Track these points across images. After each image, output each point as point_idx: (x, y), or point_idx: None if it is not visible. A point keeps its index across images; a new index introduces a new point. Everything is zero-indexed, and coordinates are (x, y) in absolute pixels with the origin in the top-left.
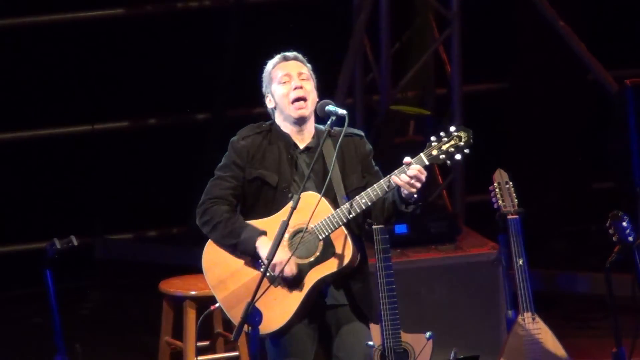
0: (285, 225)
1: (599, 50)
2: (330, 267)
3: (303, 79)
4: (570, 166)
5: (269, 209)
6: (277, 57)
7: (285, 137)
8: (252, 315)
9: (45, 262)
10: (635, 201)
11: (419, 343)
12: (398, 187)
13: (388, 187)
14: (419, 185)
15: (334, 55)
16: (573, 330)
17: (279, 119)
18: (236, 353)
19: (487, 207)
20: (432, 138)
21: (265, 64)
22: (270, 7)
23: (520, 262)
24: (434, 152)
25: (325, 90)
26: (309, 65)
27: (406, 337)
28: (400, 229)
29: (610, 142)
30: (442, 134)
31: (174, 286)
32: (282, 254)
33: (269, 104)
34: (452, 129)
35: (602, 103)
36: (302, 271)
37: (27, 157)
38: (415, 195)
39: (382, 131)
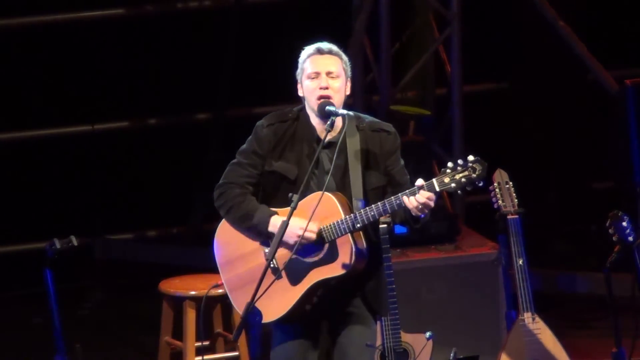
0: (285, 225)
1: (599, 50)
2: (331, 270)
3: (332, 77)
4: (570, 166)
5: (287, 201)
6: (313, 48)
7: (311, 129)
8: (252, 315)
9: (45, 262)
10: (635, 201)
11: (419, 343)
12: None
13: (397, 205)
14: (426, 210)
15: None
16: (573, 330)
17: (308, 109)
18: (236, 353)
19: (487, 207)
20: (449, 164)
21: (293, 61)
22: (270, 7)
23: (520, 262)
24: (446, 180)
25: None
26: (344, 57)
27: (406, 337)
28: (400, 229)
29: (610, 142)
30: (459, 161)
31: (174, 286)
32: (299, 222)
33: (300, 91)
34: (470, 159)
35: (602, 103)
36: (304, 269)
37: (27, 157)
38: (423, 215)
39: None
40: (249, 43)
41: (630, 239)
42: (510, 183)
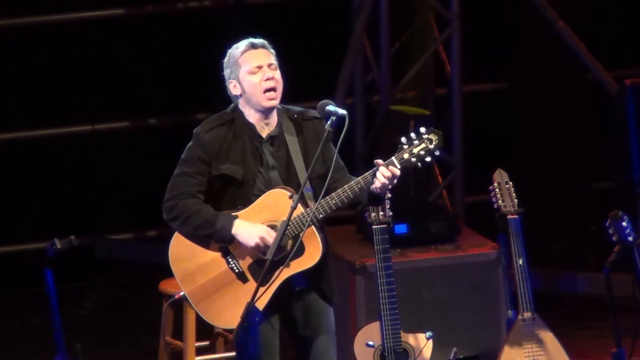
0: (285, 225)
1: (599, 50)
2: (300, 265)
3: (273, 69)
4: (570, 166)
5: (234, 203)
6: (244, 44)
7: (250, 127)
8: (252, 315)
9: (45, 262)
10: (635, 201)
11: (419, 343)
12: (369, 184)
13: (360, 189)
14: (390, 187)
15: (334, 55)
16: (573, 330)
17: (244, 107)
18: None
19: (487, 207)
20: (403, 140)
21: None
22: (270, 7)
23: (520, 262)
24: (406, 156)
25: (325, 90)
26: (273, 51)
27: (406, 337)
28: (400, 229)
29: (610, 142)
30: (412, 136)
31: (174, 286)
32: (260, 230)
33: (234, 90)
34: (423, 130)
35: (602, 103)
36: (271, 268)
37: (27, 157)
38: (386, 192)
39: (382, 131)
40: None
41: (630, 239)
42: (510, 183)
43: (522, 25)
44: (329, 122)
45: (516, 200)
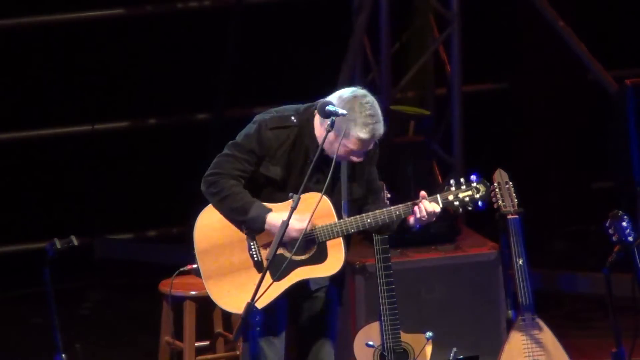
0: (285, 225)
1: (599, 50)
2: (318, 271)
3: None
4: (570, 166)
5: (269, 201)
6: (366, 134)
7: (313, 142)
8: (252, 315)
9: (45, 262)
10: (635, 201)
11: (419, 343)
12: (407, 214)
13: (397, 216)
14: (427, 222)
15: (334, 55)
16: (573, 330)
17: (317, 123)
18: (236, 353)
19: (487, 207)
20: (452, 182)
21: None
22: (270, 7)
23: (520, 262)
24: (450, 197)
25: (325, 90)
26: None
27: (406, 337)
28: None
29: (610, 142)
30: (462, 180)
31: (174, 286)
32: (297, 222)
33: (325, 125)
34: (473, 178)
35: (602, 103)
36: (289, 266)
37: (27, 157)
38: (419, 227)
39: None
40: (249, 43)
41: (630, 239)
42: (510, 183)
43: (522, 25)
44: (329, 122)
45: (516, 200)
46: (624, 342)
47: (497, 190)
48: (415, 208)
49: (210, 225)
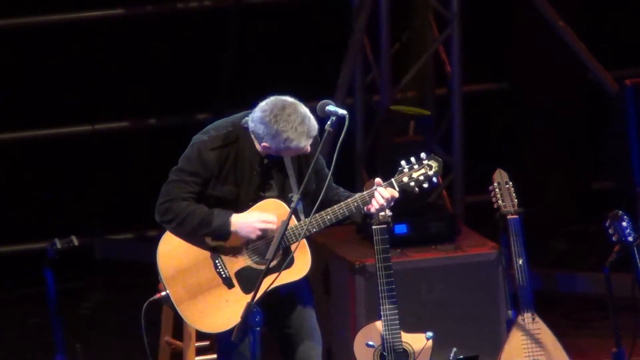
0: (285, 225)
1: (599, 50)
2: (288, 276)
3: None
4: (570, 166)
5: None
6: (306, 139)
7: (254, 154)
8: (252, 315)
9: (45, 262)
10: (635, 201)
11: (419, 343)
12: (365, 204)
13: (356, 207)
14: (387, 208)
15: (334, 55)
16: (573, 330)
17: (254, 139)
18: None
19: (487, 207)
20: (403, 163)
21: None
22: (270, 7)
23: (520, 262)
24: (405, 179)
25: (325, 90)
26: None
27: (406, 337)
28: (400, 229)
29: (610, 142)
30: (412, 160)
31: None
32: (258, 214)
33: (257, 136)
34: (423, 156)
35: (602, 103)
36: (258, 276)
37: (27, 157)
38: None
39: (382, 131)
40: (249, 43)
41: (630, 239)
42: (510, 183)
43: (522, 25)
44: (329, 122)
45: (516, 200)
46: (624, 342)
47: (497, 190)
48: (375, 196)
49: (173, 251)
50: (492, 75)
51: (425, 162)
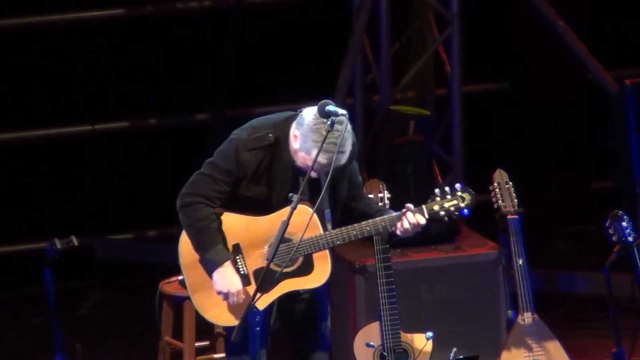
0: (285, 225)
1: (599, 50)
2: (304, 283)
3: None
4: (570, 166)
5: (255, 213)
6: (325, 160)
7: (289, 155)
8: (252, 315)
9: (45, 262)
10: (635, 201)
11: (419, 343)
12: (392, 226)
13: (383, 227)
14: (413, 233)
15: (334, 55)
16: (573, 330)
17: (292, 137)
18: None
19: (487, 207)
20: (436, 192)
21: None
22: (270, 7)
23: (520, 262)
24: (435, 207)
25: (325, 90)
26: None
27: (406, 337)
28: None
29: (610, 142)
30: (447, 189)
31: (174, 286)
32: (236, 284)
33: (295, 141)
34: (457, 187)
35: (602, 103)
36: (275, 278)
37: (28, 157)
38: (404, 237)
39: (382, 131)
40: (249, 43)
41: (630, 239)
42: (510, 183)
43: (521, 25)
44: (329, 122)
45: (516, 200)
46: (624, 342)
47: (497, 190)
48: (400, 221)
49: None
50: (492, 75)
51: (459, 193)
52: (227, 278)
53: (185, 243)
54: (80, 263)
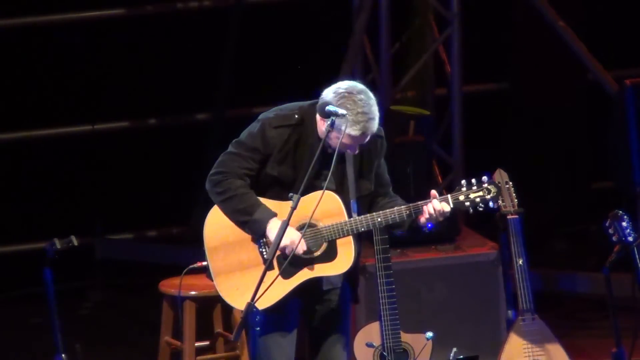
0: (285, 225)
1: (599, 50)
2: (327, 269)
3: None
4: (570, 166)
5: (280, 199)
6: (356, 131)
7: (317, 139)
8: (252, 315)
9: (45, 262)
10: (635, 201)
11: (419, 343)
12: (417, 214)
13: (407, 215)
14: (437, 221)
15: (334, 55)
16: (573, 330)
17: (319, 121)
18: (236, 353)
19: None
20: (463, 182)
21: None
22: (270, 7)
23: (520, 262)
24: (461, 198)
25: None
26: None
27: (406, 337)
28: None
29: (610, 142)
30: (473, 181)
31: (174, 286)
32: (293, 234)
33: (321, 123)
34: (485, 179)
35: (602, 103)
36: (298, 263)
37: (27, 157)
38: (431, 226)
39: None
40: (249, 43)
41: (630, 239)
42: (510, 183)
43: (521, 25)
44: (329, 122)
45: (516, 200)
46: (624, 342)
47: None
48: (425, 207)
49: (220, 223)
50: (492, 75)
51: (485, 185)
52: (280, 231)
53: (210, 226)
54: (80, 263)
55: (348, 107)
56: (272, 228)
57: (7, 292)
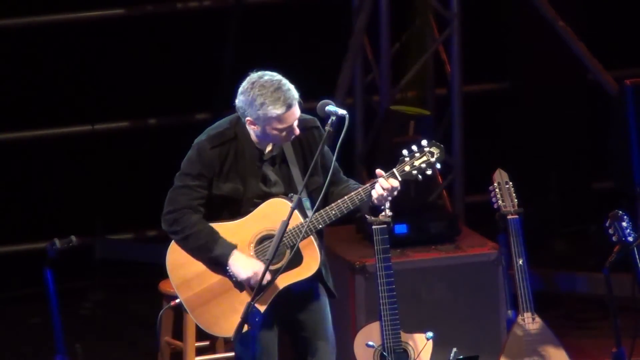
0: (285, 224)
1: (599, 50)
2: (297, 275)
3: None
4: (570, 166)
5: (234, 217)
6: (281, 106)
7: (253, 147)
8: (252, 315)
9: (45, 262)
10: (635, 201)
11: (419, 343)
12: (369, 196)
13: (359, 200)
14: (390, 199)
15: (334, 55)
16: (573, 330)
17: (250, 129)
18: None
19: (487, 207)
20: (404, 152)
21: (251, 73)
22: (270, 7)
23: (520, 262)
24: (407, 168)
25: (325, 90)
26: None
27: (406, 337)
28: (400, 229)
29: (610, 142)
30: (414, 148)
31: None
32: (255, 265)
33: (249, 124)
34: (424, 143)
35: (602, 103)
36: (269, 281)
37: (27, 157)
38: (386, 205)
39: (382, 131)
40: (249, 43)
41: (630, 239)
42: (510, 183)
43: (522, 25)
44: (329, 122)
45: (516, 200)
46: (624, 342)
47: (497, 190)
48: (374, 190)
49: (181, 259)
50: (492, 75)
51: (427, 149)
52: (244, 262)
53: (172, 264)
54: (80, 263)
55: (260, 93)
56: (235, 260)
57: (7, 292)
